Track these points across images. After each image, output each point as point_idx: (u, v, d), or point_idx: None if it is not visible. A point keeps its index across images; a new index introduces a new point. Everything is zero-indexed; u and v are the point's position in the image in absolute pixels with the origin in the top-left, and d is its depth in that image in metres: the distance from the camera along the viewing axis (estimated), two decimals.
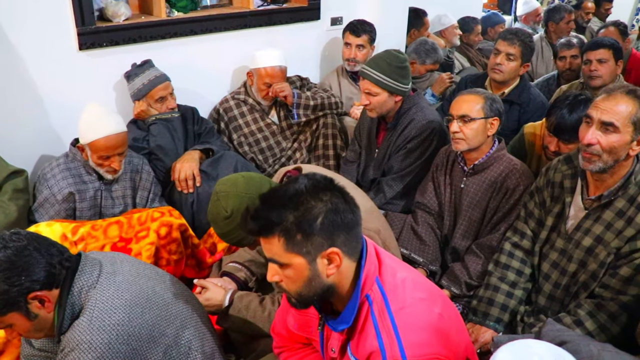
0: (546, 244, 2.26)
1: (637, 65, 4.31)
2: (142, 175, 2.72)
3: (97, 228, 2.42)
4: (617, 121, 1.90)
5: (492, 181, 2.51)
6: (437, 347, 1.42)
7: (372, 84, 2.76)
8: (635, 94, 1.92)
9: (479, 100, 2.46)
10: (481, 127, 2.45)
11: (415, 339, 1.40)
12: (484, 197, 2.53)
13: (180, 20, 3.13)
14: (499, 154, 2.53)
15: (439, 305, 1.52)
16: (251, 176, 1.98)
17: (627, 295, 2.01)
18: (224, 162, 2.89)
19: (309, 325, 1.65)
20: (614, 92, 1.95)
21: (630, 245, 1.99)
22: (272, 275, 1.44)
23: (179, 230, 2.52)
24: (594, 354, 1.49)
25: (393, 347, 1.38)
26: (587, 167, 2.00)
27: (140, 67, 2.90)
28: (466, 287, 2.50)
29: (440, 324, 1.47)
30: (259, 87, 3.28)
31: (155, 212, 2.51)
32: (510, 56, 3.20)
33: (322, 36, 3.94)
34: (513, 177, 2.48)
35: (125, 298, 1.58)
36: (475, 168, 2.55)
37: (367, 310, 1.45)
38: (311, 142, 3.42)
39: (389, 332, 1.40)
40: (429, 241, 2.67)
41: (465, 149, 2.48)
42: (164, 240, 2.47)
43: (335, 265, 1.41)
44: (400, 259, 2.42)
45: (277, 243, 1.38)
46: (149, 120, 2.90)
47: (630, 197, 2.00)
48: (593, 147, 1.94)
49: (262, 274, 2.36)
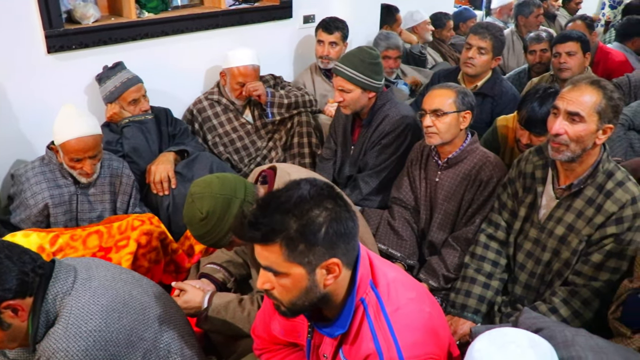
0: (520, 235, 2.30)
1: (604, 57, 4.38)
2: (123, 179, 2.68)
3: (76, 238, 2.37)
4: (583, 111, 1.94)
5: (466, 174, 2.54)
6: (431, 346, 1.44)
7: (345, 80, 2.77)
8: (599, 85, 1.97)
9: (451, 95, 2.48)
10: (454, 121, 2.47)
11: (411, 339, 1.41)
12: (459, 189, 2.56)
13: (151, 21, 3.10)
14: (472, 147, 2.56)
15: (427, 304, 1.54)
16: (226, 177, 1.97)
17: (599, 281, 2.06)
18: (199, 163, 2.87)
19: (296, 330, 1.64)
20: (579, 83, 2.00)
21: (600, 232, 2.04)
22: (263, 283, 1.39)
23: (159, 239, 2.49)
24: (568, 339, 1.51)
25: (390, 349, 1.38)
26: (556, 157, 2.04)
27: (112, 70, 2.87)
28: (444, 280, 2.52)
29: (431, 323, 1.48)
30: (232, 86, 3.27)
31: (135, 220, 2.47)
32: (481, 50, 3.23)
33: (295, 34, 3.93)
34: (486, 169, 2.50)
35: (102, 303, 1.56)
36: (449, 162, 2.57)
37: (363, 314, 1.45)
38: (286, 140, 3.42)
39: (385, 334, 1.41)
40: (406, 236, 2.69)
41: (439, 143, 2.50)
42: (144, 249, 2.44)
43: (334, 276, 1.38)
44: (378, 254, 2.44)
45: (277, 251, 1.32)
46: (122, 123, 2.87)
47: (599, 185, 2.05)
48: (561, 137, 1.98)
49: (241, 274, 2.36)
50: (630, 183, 2.04)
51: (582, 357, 1.43)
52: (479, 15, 6.33)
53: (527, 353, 1.14)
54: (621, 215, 2.00)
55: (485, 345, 1.16)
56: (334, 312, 1.48)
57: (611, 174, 2.05)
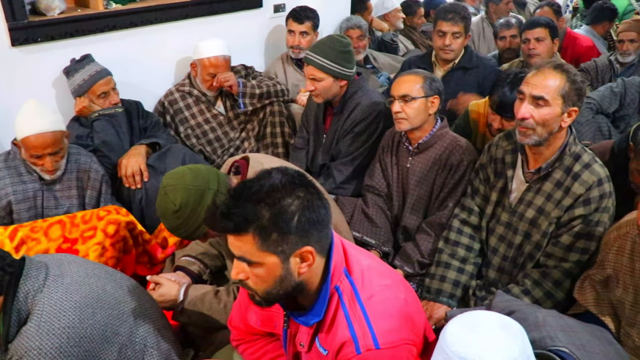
0: (492, 219, 2.33)
1: (572, 43, 4.44)
2: (91, 174, 2.63)
3: (36, 230, 2.34)
4: (547, 94, 1.97)
5: (437, 158, 2.56)
6: (406, 332, 1.45)
7: (316, 69, 2.76)
8: (562, 69, 2.00)
9: (419, 80, 2.49)
10: (422, 106, 2.48)
11: (386, 326, 1.42)
12: (430, 174, 2.58)
13: (119, 13, 3.05)
14: (442, 132, 2.58)
15: (402, 290, 1.55)
16: (198, 168, 1.96)
17: (569, 262, 2.10)
18: (171, 156, 2.85)
19: (272, 320, 1.64)
20: (543, 67, 2.03)
21: (569, 214, 2.08)
22: (237, 274, 1.38)
23: (126, 229, 2.47)
24: (539, 320, 1.54)
25: (365, 336, 1.39)
26: (523, 141, 2.07)
27: (80, 63, 2.83)
28: (419, 266, 2.54)
29: (406, 310, 1.49)
30: (203, 77, 3.24)
31: (100, 210, 2.45)
32: (456, 34, 3.24)
33: (265, 24, 3.90)
34: (457, 153, 2.53)
35: (75, 300, 1.55)
36: (419, 147, 2.59)
37: (337, 302, 1.45)
38: (259, 131, 3.41)
39: (360, 321, 1.41)
40: (380, 223, 2.70)
41: (408, 128, 2.52)
42: (112, 239, 2.41)
43: (307, 264, 1.38)
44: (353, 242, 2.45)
45: (250, 241, 1.32)
46: (91, 117, 2.83)
47: (567, 168, 2.08)
48: (527, 121, 2.01)
49: (216, 266, 2.35)
50: (596, 165, 2.07)
51: (552, 337, 1.46)
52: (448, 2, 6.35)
53: (498, 335, 1.16)
54: (588, 196, 2.04)
55: (457, 328, 1.18)
56: (309, 301, 1.48)
57: (578, 157, 2.08)
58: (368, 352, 1.38)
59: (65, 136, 2.49)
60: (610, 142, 2.70)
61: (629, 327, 1.86)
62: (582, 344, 1.45)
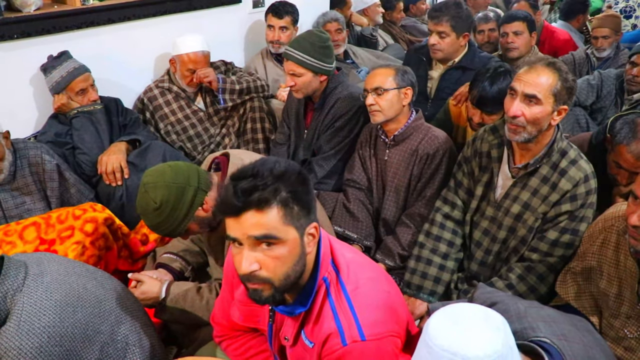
0: (477, 213, 2.34)
1: (549, 36, 4.48)
2: (45, 167, 2.56)
3: (10, 233, 2.31)
4: (539, 93, 1.97)
5: (413, 150, 2.58)
6: (391, 324, 1.46)
7: (296, 64, 2.76)
8: (555, 66, 2.00)
9: (391, 73, 2.53)
10: (395, 97, 2.51)
11: (371, 318, 1.42)
12: (408, 166, 2.60)
13: (97, 9, 3.01)
14: (417, 123, 2.61)
15: (386, 283, 1.56)
16: (178, 165, 1.95)
17: (554, 256, 2.12)
18: (151, 153, 2.83)
19: (256, 315, 1.64)
20: (535, 64, 2.02)
21: (556, 209, 2.09)
22: (250, 264, 1.33)
23: (105, 225, 2.44)
24: (521, 311, 1.56)
25: (351, 328, 1.40)
26: (513, 138, 2.06)
27: (57, 59, 2.79)
28: (400, 259, 2.56)
29: (390, 302, 1.50)
30: (182, 73, 3.22)
31: (76, 209, 2.42)
32: (441, 34, 3.19)
33: (245, 19, 3.89)
34: (432, 143, 2.56)
35: (55, 298, 1.53)
36: (395, 139, 2.61)
37: (325, 293, 1.46)
38: (239, 126, 3.39)
39: (346, 313, 1.42)
40: (361, 217, 2.71)
41: (383, 120, 2.55)
42: (91, 237, 2.39)
43: (314, 242, 1.40)
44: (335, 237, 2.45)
45: (275, 214, 1.30)
46: (70, 114, 2.80)
47: (554, 164, 2.09)
48: (518, 119, 2.00)
49: (198, 262, 2.34)
50: (582, 161, 2.09)
51: (534, 327, 1.48)
52: None
53: (481, 327, 1.17)
54: (575, 192, 2.05)
55: (440, 321, 1.19)
56: (296, 292, 1.48)
57: (565, 153, 2.10)
58: (354, 343, 1.39)
59: (5, 137, 2.44)
60: (588, 134, 2.74)
61: (612, 318, 1.89)
62: (562, 333, 1.47)
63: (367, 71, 4.09)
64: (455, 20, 3.17)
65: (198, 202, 1.91)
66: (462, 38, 3.24)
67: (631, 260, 1.82)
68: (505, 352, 1.14)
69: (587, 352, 1.45)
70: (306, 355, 1.50)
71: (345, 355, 1.39)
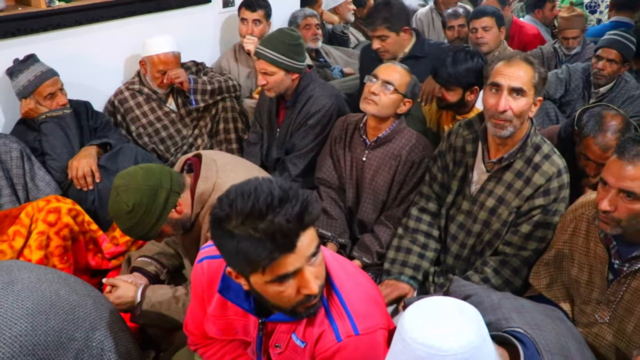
0: (453, 207, 2.35)
1: (518, 31, 4.54)
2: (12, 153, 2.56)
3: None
4: (524, 85, 1.99)
5: (396, 154, 2.56)
6: (380, 317, 1.46)
7: (267, 63, 2.75)
8: (529, 60, 2.04)
9: (407, 77, 2.51)
10: (397, 102, 2.49)
11: (362, 312, 1.42)
12: (389, 170, 2.58)
13: (63, 10, 2.96)
14: (401, 127, 2.59)
15: (365, 277, 1.57)
16: (150, 167, 1.93)
17: (528, 250, 2.14)
18: (123, 156, 2.80)
19: (233, 327, 1.61)
20: (513, 59, 2.04)
21: (529, 203, 2.12)
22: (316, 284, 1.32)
23: (69, 215, 2.41)
24: (495, 303, 1.58)
25: (345, 323, 1.40)
26: (499, 134, 2.06)
27: (24, 63, 2.74)
28: (377, 257, 2.56)
29: (376, 295, 1.52)
30: (153, 75, 3.19)
31: (40, 201, 2.40)
32: (381, 37, 3.17)
33: (215, 19, 3.87)
34: (417, 151, 2.54)
35: (26, 307, 1.50)
36: (378, 141, 2.59)
37: None
38: (212, 127, 3.37)
39: (338, 309, 1.41)
40: (335, 214, 2.70)
41: (373, 113, 2.50)
42: (54, 227, 2.36)
43: None
44: None
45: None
46: (39, 119, 2.75)
47: (527, 159, 2.11)
48: (506, 113, 2.01)
49: (173, 265, 2.33)
50: (555, 156, 2.12)
51: (507, 318, 1.50)
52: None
53: (455, 320, 1.18)
54: (548, 187, 2.08)
55: (415, 315, 1.20)
56: None
57: (538, 147, 2.12)
58: (348, 338, 1.39)
59: None
60: (557, 127, 2.78)
61: (583, 304, 1.93)
62: (535, 323, 1.49)
63: (340, 69, 4.11)
64: (389, 21, 3.13)
65: (171, 204, 1.90)
66: (403, 32, 3.20)
67: (601, 246, 1.86)
68: (479, 343, 1.15)
69: (559, 340, 1.48)
70: (297, 357, 1.48)
71: (340, 350, 1.39)
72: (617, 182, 1.67)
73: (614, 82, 3.30)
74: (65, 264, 2.39)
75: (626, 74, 3.36)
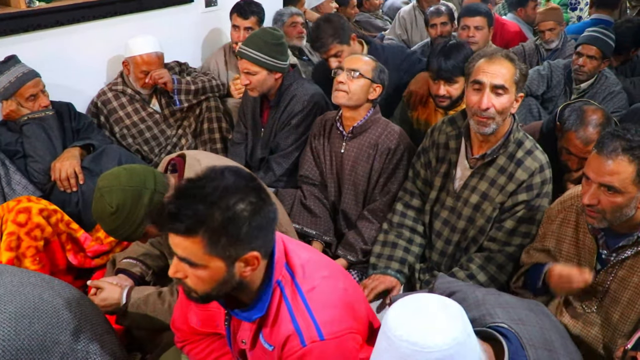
0: (437, 203, 2.37)
1: (500, 28, 4.56)
2: None
3: None
4: (506, 82, 2.01)
5: (372, 143, 2.59)
6: (349, 321, 1.47)
7: (250, 63, 2.75)
8: (510, 56, 2.06)
9: (372, 64, 2.55)
10: (366, 87, 2.52)
11: (329, 317, 1.43)
12: (367, 159, 2.60)
13: (43, 11, 2.93)
14: (376, 117, 2.62)
15: (342, 280, 1.57)
16: (134, 168, 1.92)
17: (512, 245, 2.17)
18: (106, 157, 2.78)
19: (213, 319, 1.63)
20: (495, 56, 2.06)
21: (512, 199, 2.14)
22: (175, 272, 1.36)
23: (40, 215, 2.38)
24: (479, 299, 1.60)
25: (309, 328, 1.41)
26: (482, 131, 2.08)
27: (5, 64, 2.71)
28: (362, 254, 2.57)
29: (347, 299, 1.51)
30: (136, 76, 3.17)
31: (10, 202, 2.38)
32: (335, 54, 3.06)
33: (198, 19, 3.85)
34: (392, 138, 2.57)
35: (9, 311, 1.49)
36: (354, 131, 2.61)
37: (280, 296, 1.46)
38: (196, 127, 3.37)
39: (303, 314, 1.43)
40: (319, 212, 2.71)
41: (344, 102, 2.52)
42: (25, 228, 2.33)
43: (252, 268, 1.37)
44: (295, 235, 2.46)
45: (198, 243, 1.29)
46: (20, 121, 2.72)
47: (510, 154, 2.13)
48: (489, 110, 2.02)
49: (159, 266, 2.32)
50: (537, 151, 2.14)
51: (492, 313, 1.51)
52: None
53: (438, 316, 1.19)
54: (531, 182, 2.10)
55: (399, 312, 1.20)
56: (250, 297, 1.48)
57: (521, 143, 2.14)
58: (313, 344, 1.40)
59: None
60: (539, 123, 2.80)
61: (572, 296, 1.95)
62: (519, 318, 1.50)
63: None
64: (337, 35, 3.04)
65: (155, 204, 1.88)
66: (353, 41, 3.14)
67: (589, 237, 1.89)
68: (463, 339, 1.16)
69: (543, 334, 1.50)
70: (266, 358, 1.50)
71: (306, 355, 1.41)
72: (598, 177, 1.71)
73: (594, 78, 3.34)
74: (37, 264, 2.36)
75: (606, 70, 3.39)
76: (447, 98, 2.69)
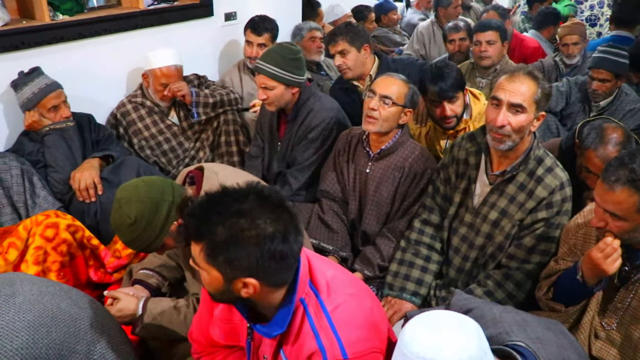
0: (455, 219, 2.35)
1: (519, 44, 4.56)
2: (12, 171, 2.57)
3: None
4: (524, 102, 2.00)
5: (399, 165, 2.56)
6: (373, 341, 1.46)
7: (267, 78, 2.77)
8: (533, 75, 2.03)
9: (405, 88, 2.51)
10: (397, 114, 2.49)
11: (353, 336, 1.42)
12: (392, 181, 2.58)
13: (67, 24, 2.99)
14: (403, 138, 2.59)
15: (367, 299, 1.56)
16: (152, 180, 1.94)
17: (531, 263, 2.14)
18: (125, 168, 2.80)
19: (237, 333, 1.63)
20: (516, 73, 2.04)
21: (532, 216, 2.12)
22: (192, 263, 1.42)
23: (67, 231, 2.41)
24: (496, 317, 1.58)
25: (333, 347, 1.40)
26: (497, 147, 2.08)
27: (29, 76, 2.75)
28: (379, 269, 2.55)
29: (372, 318, 1.50)
30: (155, 88, 3.21)
31: (39, 215, 2.40)
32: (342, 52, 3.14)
33: (217, 32, 3.90)
34: (420, 162, 2.54)
35: (28, 319, 1.50)
36: (381, 153, 2.59)
37: (303, 314, 1.45)
38: (213, 140, 3.39)
39: (327, 332, 1.42)
40: (337, 228, 2.70)
41: (375, 130, 2.50)
42: (52, 243, 2.36)
43: (247, 291, 1.38)
44: (312, 249, 2.45)
45: (201, 251, 1.34)
46: (42, 131, 2.76)
47: (530, 172, 2.12)
48: (504, 128, 2.01)
49: (175, 278, 2.33)
50: (558, 169, 2.12)
51: (508, 331, 1.50)
52: (399, 7, 6.45)
53: (455, 333, 1.18)
54: (551, 200, 2.08)
55: (415, 328, 1.20)
56: (271, 313, 1.48)
57: (541, 160, 2.12)
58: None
59: None
60: (558, 140, 2.78)
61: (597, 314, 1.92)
62: (537, 337, 1.49)
63: None
64: (350, 36, 3.12)
65: (173, 216, 1.90)
66: (364, 50, 3.16)
67: None
68: (479, 357, 1.15)
69: (561, 354, 1.48)
70: None
71: None
72: (602, 203, 1.72)
73: (613, 95, 3.31)
74: (62, 279, 2.38)
75: (626, 86, 3.37)
76: (453, 117, 2.70)
